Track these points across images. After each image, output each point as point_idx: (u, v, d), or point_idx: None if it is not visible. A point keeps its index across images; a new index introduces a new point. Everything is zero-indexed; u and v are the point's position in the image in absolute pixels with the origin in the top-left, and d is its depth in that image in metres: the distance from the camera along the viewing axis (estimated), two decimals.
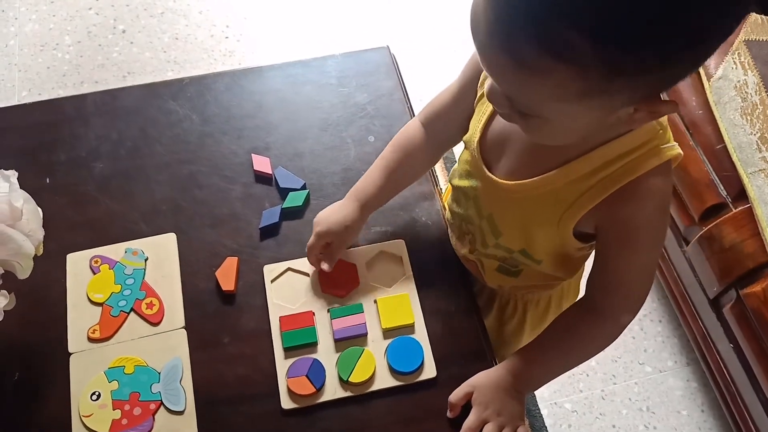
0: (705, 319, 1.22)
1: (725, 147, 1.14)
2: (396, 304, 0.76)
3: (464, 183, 0.75)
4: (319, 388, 0.71)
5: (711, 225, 1.13)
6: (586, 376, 1.37)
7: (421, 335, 0.75)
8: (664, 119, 0.63)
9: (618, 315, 0.70)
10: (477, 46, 0.53)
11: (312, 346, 0.74)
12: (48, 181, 0.86)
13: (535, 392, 1.34)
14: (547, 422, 1.31)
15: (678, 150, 0.63)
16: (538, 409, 1.32)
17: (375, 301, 0.77)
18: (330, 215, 0.78)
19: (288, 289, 0.78)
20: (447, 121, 0.77)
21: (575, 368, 1.35)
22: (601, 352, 1.39)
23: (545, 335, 0.73)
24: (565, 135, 0.60)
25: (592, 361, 1.38)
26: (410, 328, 0.75)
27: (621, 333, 0.71)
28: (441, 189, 0.89)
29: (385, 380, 0.72)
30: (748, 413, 1.14)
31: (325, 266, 0.77)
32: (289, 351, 0.74)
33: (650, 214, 0.64)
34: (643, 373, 1.38)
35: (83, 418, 0.69)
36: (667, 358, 1.40)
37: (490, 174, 0.70)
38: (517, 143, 0.68)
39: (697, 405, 1.34)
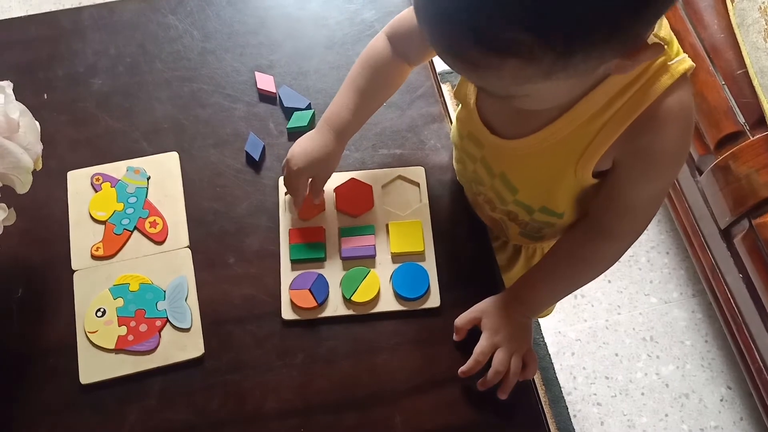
0: (714, 250, 1.21)
1: (746, 72, 1.10)
2: (407, 231, 0.75)
3: (467, 145, 0.72)
4: (321, 303, 0.71)
5: (727, 154, 1.10)
6: (591, 306, 1.38)
7: (429, 264, 0.74)
8: (668, 32, 0.59)
9: (627, 237, 0.68)
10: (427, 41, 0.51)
11: (319, 261, 0.73)
12: (46, 97, 0.84)
13: (540, 320, 1.35)
14: (551, 350, 1.33)
15: (689, 62, 0.59)
16: (542, 337, 1.33)
17: (387, 225, 0.75)
18: (306, 149, 0.73)
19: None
20: (420, 42, 0.71)
21: (580, 299, 1.37)
22: (607, 284, 1.41)
23: (550, 259, 0.72)
24: (554, 100, 0.57)
25: (597, 292, 1.39)
26: (419, 255, 0.74)
27: (627, 251, 0.69)
28: (450, 114, 0.87)
29: (388, 304, 0.72)
30: (753, 343, 1.14)
31: (316, 201, 0.74)
32: (295, 264, 0.73)
33: (674, 139, 0.60)
34: (648, 304, 1.38)
35: (88, 334, 0.69)
36: (673, 289, 1.40)
37: (492, 136, 0.66)
38: None
39: (701, 335, 1.35)
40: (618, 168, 0.63)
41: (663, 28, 0.58)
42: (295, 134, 0.82)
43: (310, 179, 0.74)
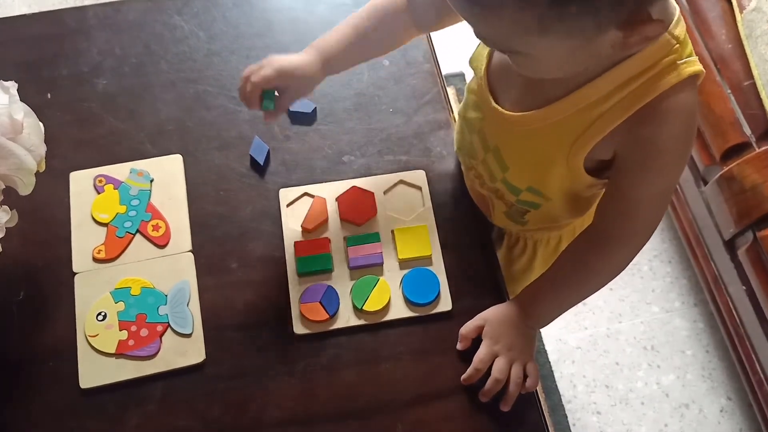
0: (718, 260, 1.20)
1: (754, 83, 1.10)
2: (413, 236, 0.74)
3: (470, 114, 0.71)
4: (332, 315, 0.70)
5: (732, 165, 1.10)
6: (592, 314, 1.37)
7: (438, 268, 0.73)
8: (683, 32, 0.58)
9: (631, 243, 0.67)
10: None
11: (326, 273, 0.73)
12: (49, 96, 0.83)
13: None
14: (551, 358, 1.32)
15: (699, 66, 0.59)
16: (543, 344, 1.33)
17: (392, 232, 0.75)
18: (284, 58, 0.70)
19: (304, 214, 0.76)
20: (436, 4, 0.70)
21: (581, 307, 1.37)
22: (608, 292, 1.40)
23: (555, 269, 0.71)
24: (554, 68, 0.57)
25: (598, 300, 1.38)
26: (427, 260, 0.73)
27: (633, 259, 0.68)
28: (456, 119, 0.86)
29: (399, 311, 0.71)
30: (755, 354, 1.14)
31: (269, 120, 0.73)
32: (302, 277, 0.72)
33: (674, 135, 0.60)
34: (649, 313, 1.38)
35: (89, 338, 0.69)
36: (675, 298, 1.39)
37: (495, 105, 0.66)
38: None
39: (702, 345, 1.35)
40: (619, 161, 0.63)
41: (679, 27, 0.58)
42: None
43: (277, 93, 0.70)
